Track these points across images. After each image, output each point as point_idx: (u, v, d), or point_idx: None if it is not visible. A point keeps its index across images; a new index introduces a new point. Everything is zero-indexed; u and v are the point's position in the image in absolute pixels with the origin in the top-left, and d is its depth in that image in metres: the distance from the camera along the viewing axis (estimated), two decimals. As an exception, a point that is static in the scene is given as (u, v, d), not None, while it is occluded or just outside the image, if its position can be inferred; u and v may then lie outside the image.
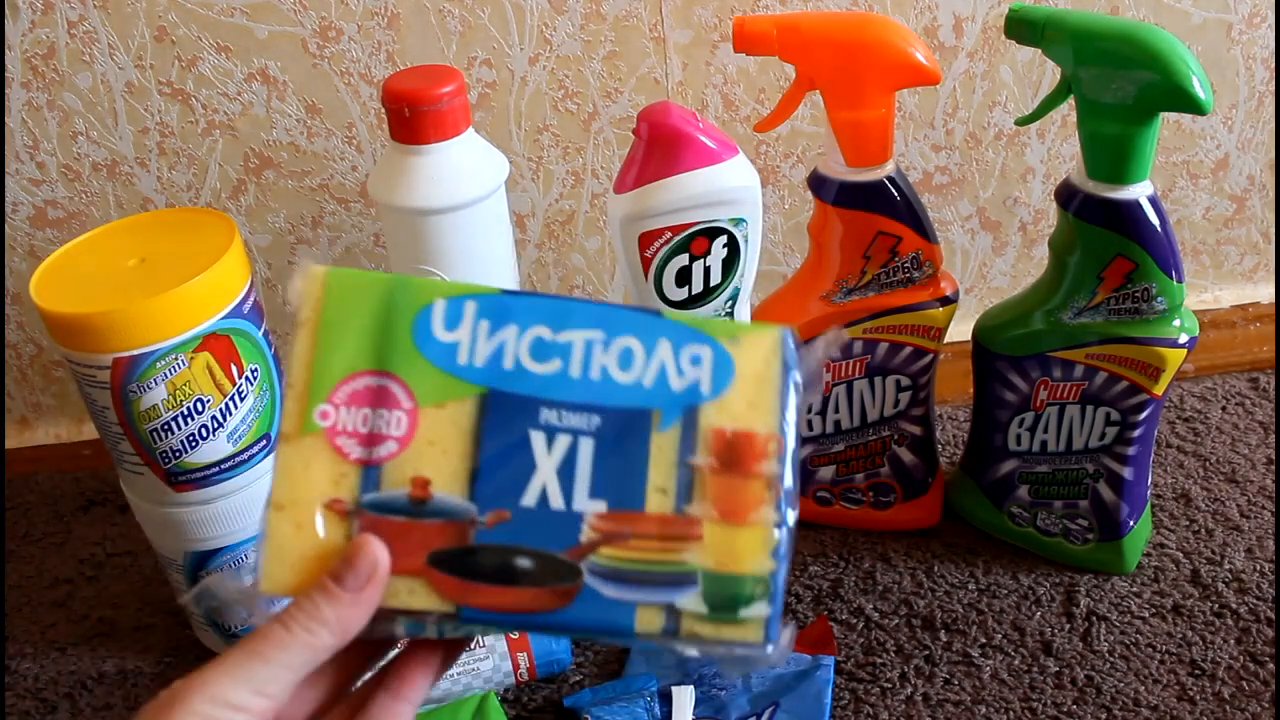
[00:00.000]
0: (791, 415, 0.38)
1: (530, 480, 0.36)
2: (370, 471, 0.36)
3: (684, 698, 0.59)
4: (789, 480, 0.37)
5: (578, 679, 0.63)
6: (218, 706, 0.31)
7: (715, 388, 0.38)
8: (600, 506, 0.36)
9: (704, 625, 0.36)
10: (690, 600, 0.36)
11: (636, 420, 0.37)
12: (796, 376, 0.38)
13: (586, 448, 0.37)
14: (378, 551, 0.34)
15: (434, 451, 0.36)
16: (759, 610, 0.36)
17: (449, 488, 0.36)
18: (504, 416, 0.37)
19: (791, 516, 0.37)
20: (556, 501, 0.36)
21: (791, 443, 0.37)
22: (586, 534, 0.36)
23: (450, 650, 0.38)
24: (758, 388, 0.38)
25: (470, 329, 0.37)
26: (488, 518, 0.36)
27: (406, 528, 0.36)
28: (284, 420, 0.36)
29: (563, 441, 0.37)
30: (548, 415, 0.37)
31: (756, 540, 0.36)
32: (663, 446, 0.37)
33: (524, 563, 0.36)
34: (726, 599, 0.36)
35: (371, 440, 0.36)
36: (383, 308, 0.37)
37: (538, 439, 0.37)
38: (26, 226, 0.77)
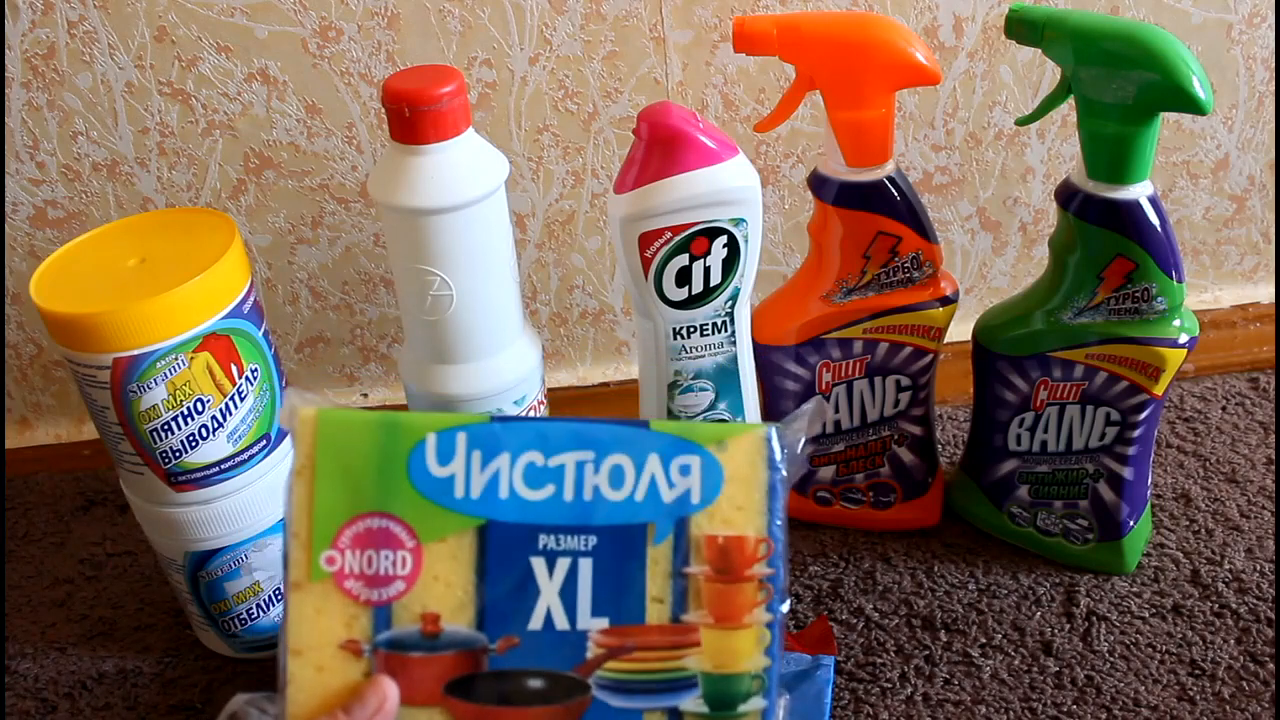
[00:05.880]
0: (781, 515, 0.39)
1: (535, 605, 0.38)
2: (381, 611, 0.37)
3: (684, 698, 0.59)
4: (781, 577, 0.39)
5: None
6: None
7: (705, 496, 0.39)
8: (603, 623, 0.38)
9: None
10: (692, 702, 0.38)
11: (631, 536, 0.38)
12: (782, 473, 0.39)
13: (586, 568, 0.38)
14: (387, 689, 0.36)
15: (439, 586, 0.38)
16: (755, 704, 0.38)
17: (457, 619, 0.38)
18: (504, 547, 0.38)
19: (783, 611, 0.39)
20: (561, 623, 0.38)
21: (782, 540, 0.39)
22: (592, 650, 0.38)
23: None
24: (746, 491, 0.39)
25: (464, 461, 0.38)
26: (498, 645, 0.38)
27: (421, 662, 0.37)
28: (292, 569, 0.38)
29: (562, 565, 0.38)
30: (545, 540, 0.38)
31: (751, 640, 0.38)
32: (658, 559, 0.38)
33: (535, 684, 0.38)
34: (726, 698, 0.38)
35: (378, 581, 0.38)
36: (376, 448, 0.38)
37: (538, 564, 0.38)
38: (26, 226, 0.77)
